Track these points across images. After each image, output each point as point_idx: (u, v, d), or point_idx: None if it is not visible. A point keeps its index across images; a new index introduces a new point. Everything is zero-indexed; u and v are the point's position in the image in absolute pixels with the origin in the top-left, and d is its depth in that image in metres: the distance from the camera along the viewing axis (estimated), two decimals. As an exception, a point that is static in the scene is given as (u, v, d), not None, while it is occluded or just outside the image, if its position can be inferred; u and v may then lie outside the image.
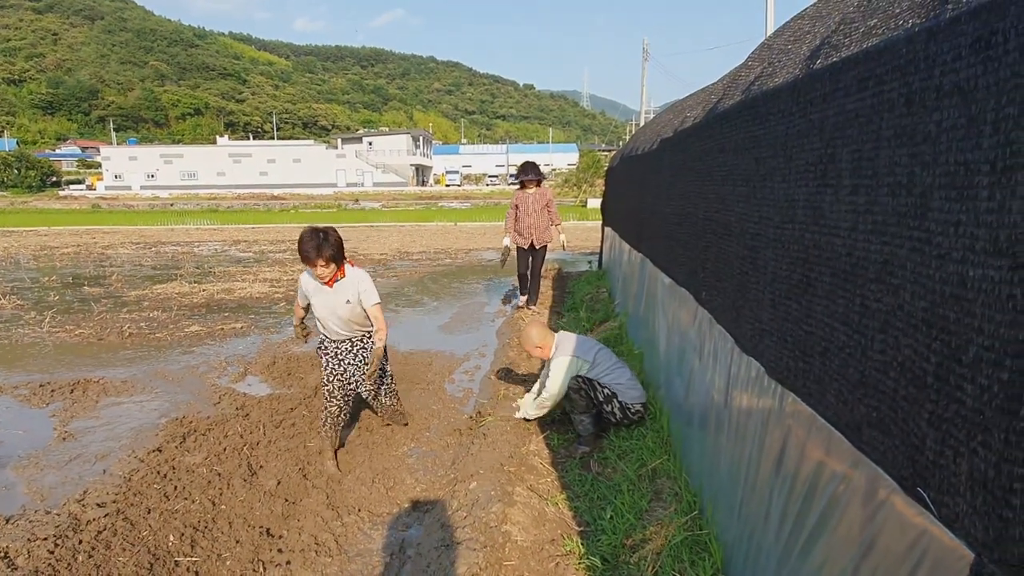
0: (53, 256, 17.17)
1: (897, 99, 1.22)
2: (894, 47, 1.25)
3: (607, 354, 4.37)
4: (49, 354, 6.88)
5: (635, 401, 4.19)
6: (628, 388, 4.21)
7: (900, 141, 1.20)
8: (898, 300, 1.19)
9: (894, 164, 1.22)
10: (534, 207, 8.31)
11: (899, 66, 1.23)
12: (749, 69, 2.68)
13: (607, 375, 4.22)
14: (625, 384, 4.22)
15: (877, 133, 1.29)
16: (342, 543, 3.22)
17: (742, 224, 2.30)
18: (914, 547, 1.15)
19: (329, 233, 3.90)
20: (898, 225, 1.20)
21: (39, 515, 3.37)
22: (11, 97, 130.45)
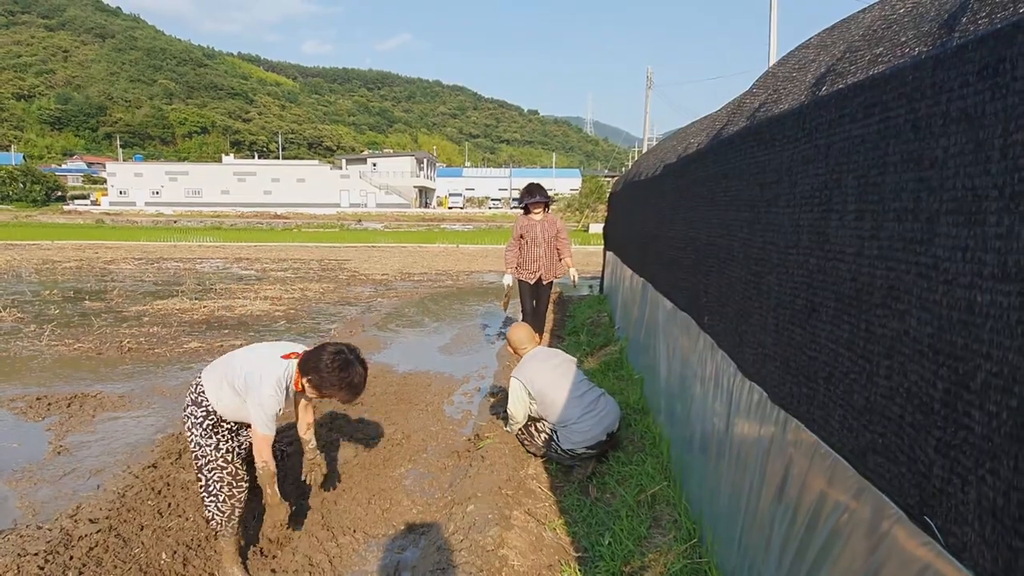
0: (55, 270, 17.19)
1: (904, 125, 1.23)
2: (901, 74, 1.26)
3: (555, 385, 4.14)
4: (47, 367, 6.86)
5: (576, 445, 3.95)
6: (570, 430, 3.98)
7: (907, 167, 1.20)
8: (904, 326, 1.19)
9: (900, 189, 1.22)
10: (542, 236, 7.02)
11: (906, 93, 1.23)
12: (754, 96, 2.69)
13: (549, 415, 4.08)
14: (569, 424, 3.99)
15: (883, 159, 1.30)
16: (336, 564, 3.17)
17: (746, 249, 2.30)
18: (924, 573, 1.13)
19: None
20: (904, 250, 1.20)
21: (30, 530, 3.33)
22: (19, 112, 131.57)
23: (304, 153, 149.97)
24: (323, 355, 3.09)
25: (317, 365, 3.07)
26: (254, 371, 3.02)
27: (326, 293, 13.21)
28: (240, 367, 3.07)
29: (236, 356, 3.18)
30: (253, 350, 3.22)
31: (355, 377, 3.12)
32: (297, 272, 17.53)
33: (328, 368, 3.05)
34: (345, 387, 3.10)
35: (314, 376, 3.08)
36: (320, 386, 3.09)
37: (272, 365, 3.07)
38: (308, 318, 10.26)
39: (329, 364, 3.06)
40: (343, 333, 8.89)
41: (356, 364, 3.14)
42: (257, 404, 2.98)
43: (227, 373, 3.09)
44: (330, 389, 3.10)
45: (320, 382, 3.08)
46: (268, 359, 3.10)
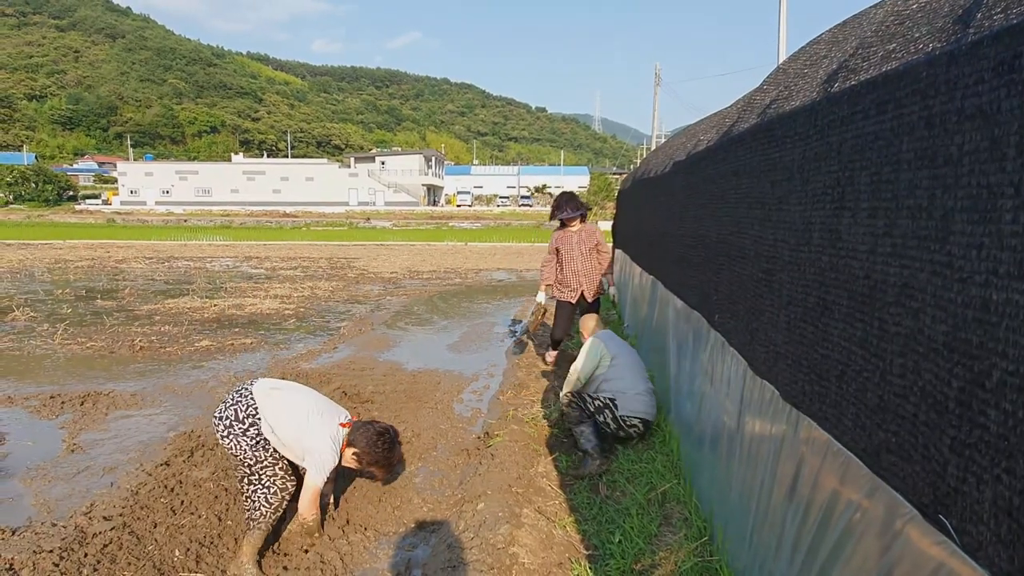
0: (67, 269, 17.32)
1: (917, 122, 1.22)
2: (915, 70, 1.25)
3: (629, 359, 4.58)
4: (60, 366, 6.91)
5: (633, 414, 4.27)
6: (632, 398, 4.30)
7: (921, 163, 1.20)
8: (918, 324, 1.18)
9: (914, 186, 1.21)
10: (580, 249, 6.38)
11: (919, 89, 1.22)
12: (764, 93, 2.68)
13: (616, 379, 4.40)
14: (631, 393, 4.32)
15: (897, 155, 1.29)
16: (347, 562, 3.19)
17: (757, 247, 2.29)
18: (937, 572, 1.12)
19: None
20: (918, 248, 1.19)
21: (45, 527, 3.36)
22: (31, 112, 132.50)
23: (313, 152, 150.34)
24: (371, 432, 3.47)
25: (365, 442, 3.44)
26: (318, 436, 3.26)
27: (335, 291, 13.25)
28: (302, 425, 3.26)
29: (299, 410, 3.32)
30: (314, 411, 3.35)
31: (395, 458, 3.64)
32: (306, 270, 17.59)
33: (376, 447, 3.45)
34: (386, 465, 3.58)
35: (361, 451, 3.45)
36: (363, 459, 3.47)
37: (331, 431, 3.33)
38: (318, 316, 10.29)
39: (377, 443, 3.46)
40: (352, 331, 8.92)
41: (397, 445, 3.62)
42: (320, 463, 3.23)
43: (289, 421, 3.26)
44: (372, 465, 3.52)
45: (365, 457, 3.46)
46: (328, 425, 3.34)
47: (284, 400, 3.34)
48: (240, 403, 3.25)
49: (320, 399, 3.54)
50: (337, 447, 3.33)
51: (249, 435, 3.18)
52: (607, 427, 4.28)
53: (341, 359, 7.31)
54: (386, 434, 3.51)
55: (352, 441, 3.44)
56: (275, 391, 3.38)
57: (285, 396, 3.38)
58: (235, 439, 3.18)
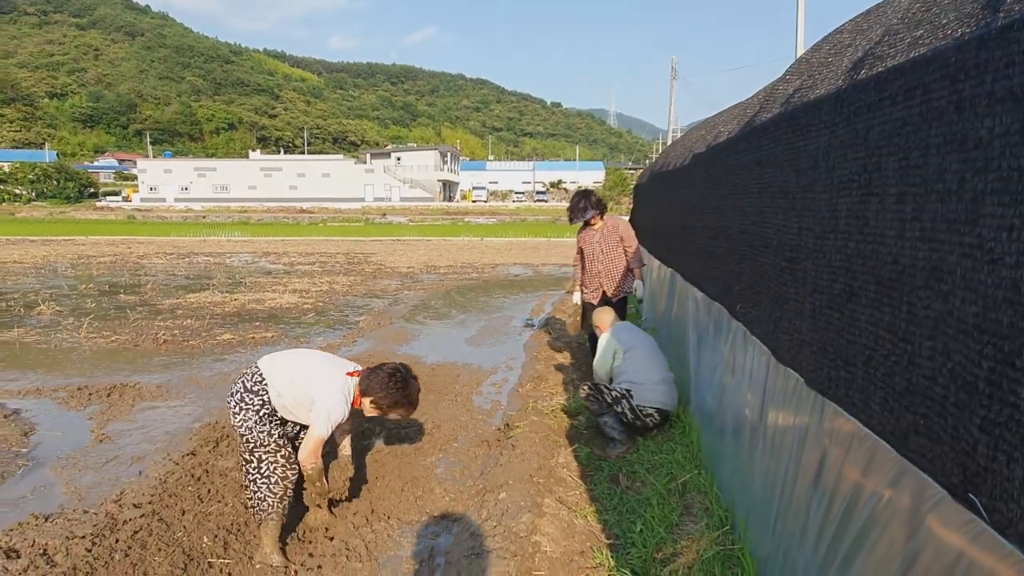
0: (90, 264, 17.57)
1: (947, 106, 1.23)
2: (943, 55, 1.25)
3: (645, 350, 4.63)
4: (87, 359, 7.03)
5: (648, 403, 4.30)
6: (648, 388, 4.35)
7: (950, 148, 1.20)
8: (948, 306, 1.19)
9: (944, 170, 1.22)
10: (602, 247, 5.94)
11: (948, 74, 1.23)
12: (787, 83, 2.68)
13: (638, 371, 4.44)
14: (647, 383, 4.37)
15: (925, 140, 1.30)
16: (372, 549, 3.24)
17: (780, 236, 2.30)
18: (964, 554, 1.13)
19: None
20: (948, 231, 1.20)
21: (77, 514, 3.44)
22: (53, 110, 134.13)
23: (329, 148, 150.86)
24: (382, 375, 3.33)
25: (379, 386, 3.31)
26: (323, 385, 3.19)
27: (353, 286, 13.34)
28: (307, 377, 3.23)
29: (302, 365, 3.30)
30: (319, 364, 3.34)
31: (413, 394, 3.43)
32: (324, 265, 17.72)
33: (390, 387, 3.31)
34: (407, 403, 3.41)
35: (377, 396, 3.32)
36: (382, 404, 3.35)
37: (339, 381, 3.25)
38: (336, 311, 10.38)
39: (390, 384, 3.31)
40: (371, 325, 8.99)
41: (412, 380, 3.44)
42: (325, 411, 3.12)
43: (293, 378, 3.22)
44: (393, 408, 3.38)
45: (383, 401, 3.33)
46: (335, 376, 3.27)
47: (288, 361, 3.32)
48: (247, 375, 3.26)
49: (325, 355, 3.50)
50: (346, 397, 3.24)
51: (255, 406, 3.16)
52: (624, 417, 4.31)
53: (360, 352, 7.37)
54: (397, 372, 3.37)
55: (366, 389, 3.33)
56: (279, 356, 3.37)
57: (289, 357, 3.37)
58: (244, 413, 3.15)
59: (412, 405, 3.46)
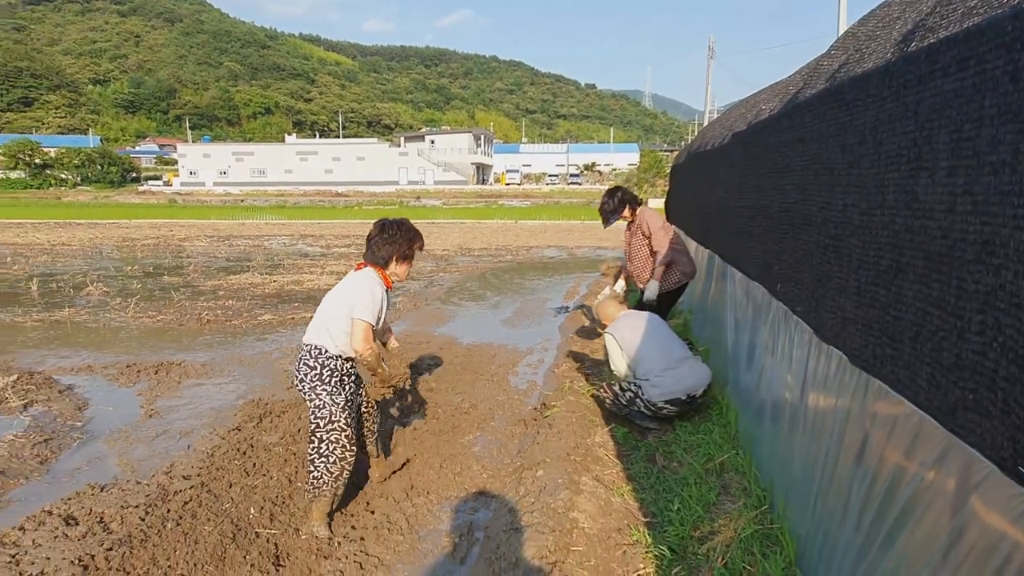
0: (134, 247, 18.03)
1: (1001, 77, 1.21)
2: (999, 24, 1.23)
3: (646, 341, 4.36)
4: (134, 338, 7.25)
5: (658, 399, 4.14)
6: (653, 384, 4.17)
7: (1004, 119, 1.18)
8: (1000, 280, 1.18)
9: (997, 142, 1.20)
10: (632, 242, 5.76)
11: (1004, 43, 1.21)
12: (832, 58, 2.63)
13: (636, 367, 4.31)
14: (652, 378, 4.19)
15: (979, 112, 1.27)
16: (412, 523, 3.31)
17: (824, 213, 2.27)
18: (1009, 532, 1.13)
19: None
20: (1001, 204, 1.18)
21: (130, 485, 3.57)
22: (96, 96, 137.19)
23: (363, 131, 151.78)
24: (376, 238, 3.40)
25: (385, 247, 3.38)
26: (351, 290, 3.28)
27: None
28: (336, 304, 3.29)
29: (326, 304, 3.35)
30: (334, 292, 3.39)
31: (409, 224, 3.50)
32: (360, 248, 17.87)
33: (393, 236, 3.39)
34: (412, 237, 3.47)
35: (392, 253, 3.39)
36: (402, 254, 3.42)
37: (357, 277, 3.35)
38: (373, 292, 10.50)
39: (395, 234, 3.40)
40: (407, 306, 9.09)
41: (400, 220, 3.51)
42: (362, 300, 3.22)
43: (328, 321, 3.28)
44: (410, 248, 3.46)
45: (400, 251, 3.41)
46: (351, 279, 3.36)
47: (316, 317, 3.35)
48: (304, 354, 3.29)
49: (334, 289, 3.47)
50: (372, 280, 3.32)
51: (324, 378, 3.23)
52: (645, 414, 4.28)
53: (397, 333, 7.46)
54: (383, 225, 3.45)
55: (379, 260, 3.39)
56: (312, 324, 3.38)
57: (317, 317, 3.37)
58: (316, 389, 3.22)
59: (418, 235, 3.52)
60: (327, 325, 3.28)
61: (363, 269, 3.39)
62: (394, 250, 3.39)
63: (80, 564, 2.76)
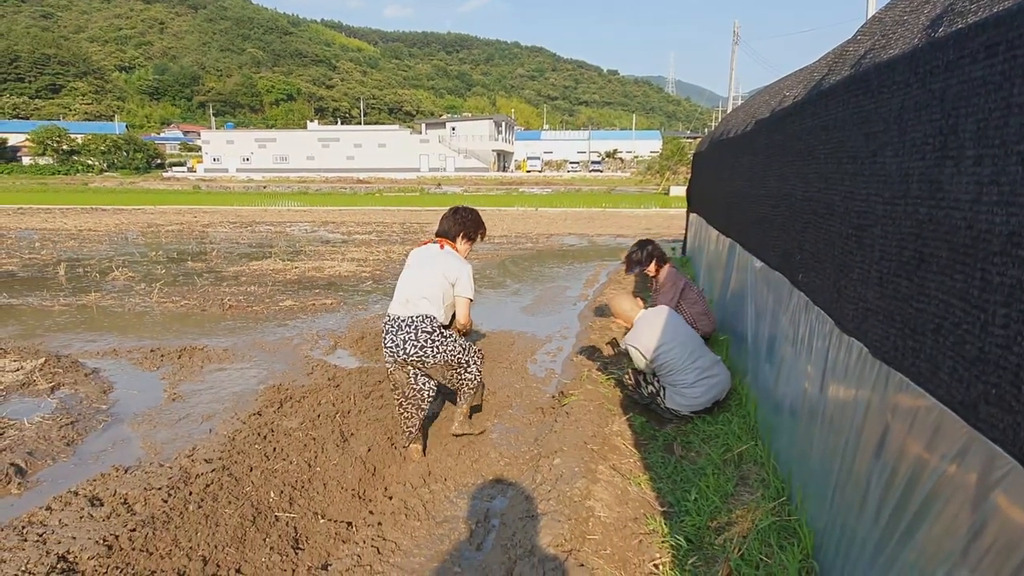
0: (159, 233, 18.26)
1: (1032, 63, 1.17)
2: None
3: (680, 351, 4.20)
4: (158, 322, 7.36)
5: (686, 407, 4.17)
6: (679, 392, 4.16)
7: (1034, 107, 1.15)
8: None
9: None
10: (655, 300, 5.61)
11: (1035, 29, 1.17)
12: (858, 44, 2.58)
13: (668, 375, 4.22)
14: (679, 386, 4.16)
15: (1007, 100, 1.24)
16: (429, 508, 3.33)
17: (847, 202, 2.23)
18: (1034, 526, 1.11)
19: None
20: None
21: (153, 467, 3.64)
22: (121, 83, 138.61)
23: (385, 118, 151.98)
24: (449, 220, 4.11)
25: (455, 225, 4.08)
26: (446, 267, 3.88)
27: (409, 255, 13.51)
28: (434, 280, 3.85)
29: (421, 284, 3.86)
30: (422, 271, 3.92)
31: (477, 213, 4.21)
32: (380, 235, 17.98)
33: (463, 218, 4.11)
34: (478, 222, 4.19)
35: (463, 232, 4.10)
36: (469, 235, 4.14)
37: (444, 253, 3.97)
38: (393, 279, 10.55)
39: (466, 217, 4.12)
40: (427, 293, 9.12)
41: (471, 208, 4.25)
42: (466, 278, 3.89)
43: (429, 297, 3.83)
44: (475, 231, 4.16)
45: (469, 231, 4.12)
46: (438, 256, 3.96)
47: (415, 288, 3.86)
48: (421, 326, 3.78)
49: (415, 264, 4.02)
50: (460, 258, 3.98)
51: (443, 337, 3.82)
52: (657, 408, 4.32)
53: (417, 320, 7.51)
54: (455, 210, 4.18)
55: (448, 234, 4.07)
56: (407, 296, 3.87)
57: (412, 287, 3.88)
58: (441, 348, 3.81)
59: (482, 223, 4.22)
60: (433, 299, 3.83)
61: (444, 248, 3.99)
62: (461, 228, 4.07)
63: (104, 544, 2.82)
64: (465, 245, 4.11)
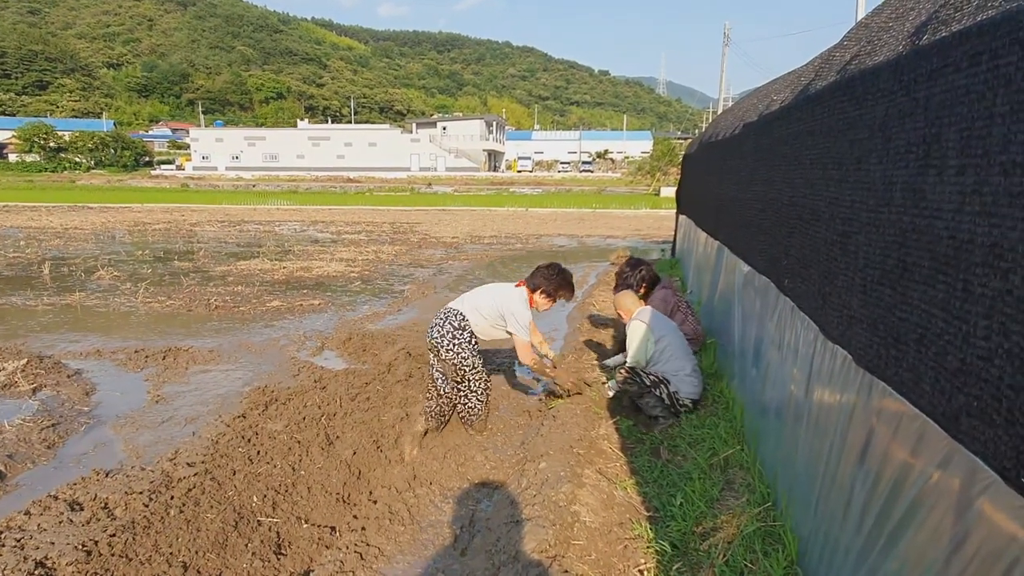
0: (146, 231, 18.12)
1: (1015, 73, 1.16)
2: (1015, 18, 1.18)
3: (678, 339, 4.52)
4: (143, 323, 7.29)
5: (687, 395, 4.32)
6: (684, 380, 4.34)
7: (1017, 117, 1.14)
8: (1007, 284, 1.14)
9: (1008, 141, 1.16)
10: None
11: (1018, 39, 1.16)
12: (844, 49, 2.58)
13: (668, 361, 4.39)
14: (683, 375, 4.35)
15: (990, 109, 1.23)
16: (414, 513, 3.31)
17: (832, 209, 2.23)
18: (1013, 541, 1.10)
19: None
20: (1010, 206, 1.14)
21: (135, 471, 3.60)
22: (109, 80, 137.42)
23: (375, 117, 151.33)
24: (544, 271, 4.25)
25: (543, 279, 4.22)
26: (505, 300, 4.15)
27: (398, 255, 13.48)
28: (492, 298, 4.18)
29: (485, 294, 4.25)
30: (494, 288, 4.31)
31: (569, 277, 4.35)
32: (370, 235, 17.92)
33: (552, 275, 4.23)
34: (568, 286, 4.32)
35: (544, 287, 4.21)
36: (549, 291, 4.24)
37: (514, 292, 4.21)
38: (382, 279, 10.51)
39: (550, 273, 4.25)
40: (415, 294, 9.09)
41: (566, 269, 4.36)
42: (516, 319, 4.10)
43: (477, 306, 4.17)
44: (560, 290, 4.28)
45: (549, 287, 4.22)
46: (509, 291, 4.23)
47: (474, 296, 4.25)
48: (450, 317, 4.14)
49: (494, 285, 4.40)
50: (523, 300, 4.17)
51: (467, 340, 4.10)
52: (659, 401, 4.34)
53: (405, 320, 7.48)
54: (553, 264, 4.32)
55: (534, 287, 4.22)
56: (465, 296, 4.30)
57: (473, 294, 4.30)
58: (458, 347, 4.06)
59: (571, 287, 4.36)
60: (478, 307, 4.16)
61: (520, 288, 4.24)
62: (543, 283, 4.22)
63: (83, 549, 2.78)
64: (543, 300, 4.26)
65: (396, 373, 5.39)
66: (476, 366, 4.13)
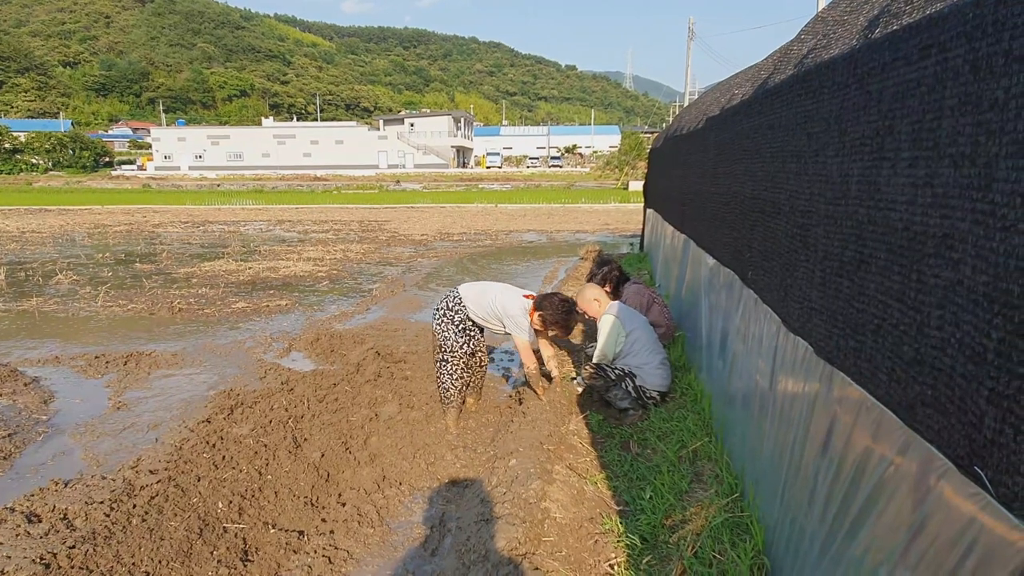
0: (106, 234, 17.71)
1: (962, 66, 1.18)
2: (961, 12, 1.20)
3: (647, 333, 4.54)
4: (103, 327, 7.12)
5: (655, 388, 4.36)
6: (652, 372, 4.37)
7: (965, 110, 1.16)
8: (958, 275, 1.15)
9: (957, 134, 1.18)
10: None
11: (965, 32, 1.18)
12: (801, 42, 2.60)
13: (638, 354, 4.41)
14: (650, 367, 4.37)
15: (940, 102, 1.25)
16: (384, 515, 3.28)
17: (792, 202, 2.25)
18: (968, 527, 1.12)
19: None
20: (960, 197, 1.16)
21: (95, 480, 3.51)
22: (66, 79, 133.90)
23: (342, 115, 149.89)
24: (555, 299, 4.28)
25: (550, 307, 4.24)
26: (508, 302, 4.27)
27: (367, 254, 13.36)
28: (495, 296, 4.32)
29: (490, 288, 4.40)
30: (503, 288, 4.41)
31: (572, 321, 4.33)
32: (338, 233, 17.74)
33: (559, 310, 4.22)
34: (565, 326, 4.30)
35: (546, 313, 4.23)
36: (547, 319, 4.25)
37: (518, 300, 4.30)
38: (350, 278, 10.41)
39: (560, 308, 4.24)
40: (384, 293, 9.01)
41: (575, 312, 4.37)
42: (514, 323, 4.24)
43: (482, 297, 4.35)
44: (554, 326, 4.27)
45: (549, 317, 4.23)
46: (516, 296, 4.32)
47: (480, 285, 4.44)
48: (449, 298, 4.40)
49: (508, 287, 4.46)
50: (523, 311, 4.24)
51: (455, 321, 4.34)
52: (628, 395, 4.36)
53: (374, 320, 7.41)
54: (568, 302, 4.32)
55: (539, 306, 4.26)
56: (473, 284, 4.49)
57: (480, 283, 4.48)
58: (445, 325, 4.34)
59: (568, 330, 4.38)
60: (478, 301, 4.34)
61: (527, 299, 4.32)
62: (548, 310, 4.24)
63: (41, 563, 2.71)
64: (539, 323, 4.31)
65: (365, 373, 5.34)
66: (454, 348, 4.31)
